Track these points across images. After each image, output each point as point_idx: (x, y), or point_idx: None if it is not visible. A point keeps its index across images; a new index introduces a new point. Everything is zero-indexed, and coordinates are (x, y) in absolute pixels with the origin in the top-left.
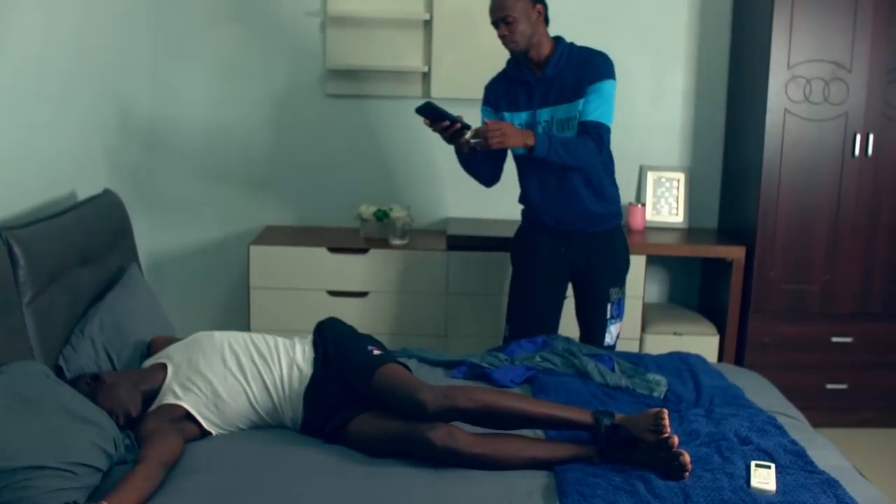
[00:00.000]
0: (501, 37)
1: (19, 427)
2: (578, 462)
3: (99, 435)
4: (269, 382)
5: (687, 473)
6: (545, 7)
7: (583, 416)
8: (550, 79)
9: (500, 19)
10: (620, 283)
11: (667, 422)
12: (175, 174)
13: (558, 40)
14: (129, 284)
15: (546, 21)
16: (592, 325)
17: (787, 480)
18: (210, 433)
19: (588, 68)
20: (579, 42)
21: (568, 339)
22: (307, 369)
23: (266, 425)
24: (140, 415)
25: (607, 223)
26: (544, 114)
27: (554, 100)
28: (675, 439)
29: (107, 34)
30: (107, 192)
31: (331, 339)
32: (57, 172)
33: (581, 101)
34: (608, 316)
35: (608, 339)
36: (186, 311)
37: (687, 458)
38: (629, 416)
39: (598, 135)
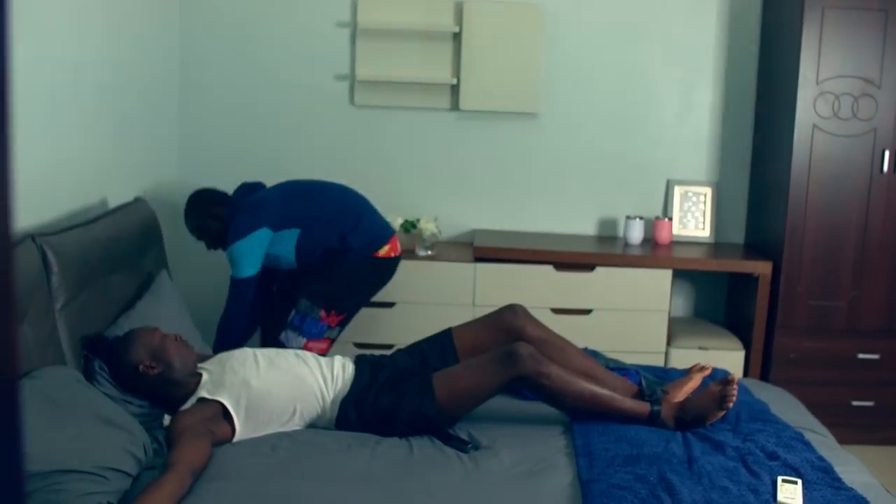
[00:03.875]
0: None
1: (51, 431)
2: (635, 420)
3: (129, 440)
4: (305, 372)
5: (730, 403)
6: (222, 203)
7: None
8: None
9: (200, 239)
10: (315, 300)
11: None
12: (204, 182)
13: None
14: (159, 292)
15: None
16: (274, 318)
17: (814, 496)
18: (239, 435)
19: None
20: (608, 54)
21: (594, 353)
22: (349, 364)
23: (300, 425)
24: (178, 379)
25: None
26: None
27: None
28: (735, 377)
29: (138, 45)
30: (138, 200)
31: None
32: (89, 180)
33: None
34: (289, 319)
35: (282, 338)
36: (215, 318)
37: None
38: (692, 400)
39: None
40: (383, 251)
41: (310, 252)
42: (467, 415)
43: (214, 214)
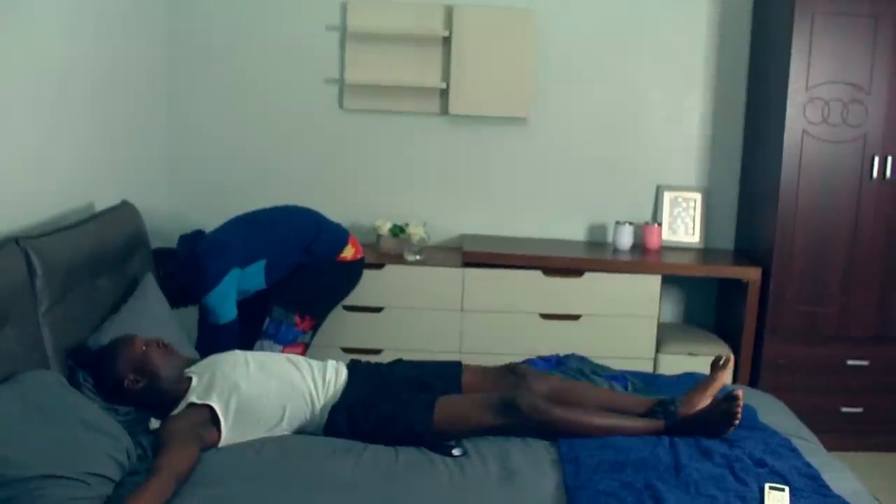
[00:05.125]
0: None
1: (33, 436)
2: (650, 436)
3: (112, 445)
4: (296, 377)
5: (736, 421)
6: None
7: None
8: None
9: None
10: (288, 307)
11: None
12: (192, 187)
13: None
14: (144, 296)
15: None
16: (249, 326)
17: None
18: (225, 440)
19: None
20: (599, 59)
21: (581, 359)
22: (342, 369)
23: (288, 430)
24: (165, 387)
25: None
26: None
27: None
28: (740, 393)
29: (127, 48)
30: (124, 204)
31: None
32: (76, 183)
33: None
34: (263, 328)
35: (256, 348)
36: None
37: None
38: (700, 414)
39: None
40: (348, 253)
41: (279, 274)
42: None
43: (170, 273)
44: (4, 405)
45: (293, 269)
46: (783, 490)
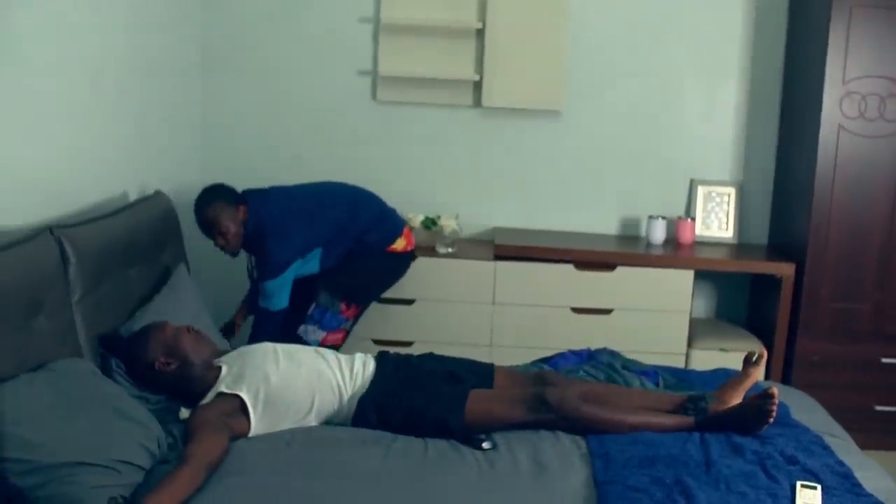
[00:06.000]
0: (220, 247)
1: (65, 424)
2: (681, 431)
3: (143, 434)
4: (323, 367)
5: (771, 419)
6: (247, 203)
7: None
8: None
9: (217, 233)
10: (335, 294)
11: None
12: (225, 178)
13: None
14: (176, 286)
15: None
16: (295, 308)
17: (834, 502)
18: (255, 430)
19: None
20: (633, 52)
21: (613, 353)
22: (370, 361)
23: (316, 421)
24: (196, 374)
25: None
26: None
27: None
28: (775, 391)
29: (160, 40)
30: (157, 194)
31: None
32: (109, 174)
33: None
34: (308, 313)
35: (300, 332)
36: (233, 313)
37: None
38: (733, 410)
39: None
40: (399, 245)
41: (333, 261)
42: None
43: (242, 221)
44: (37, 393)
45: (344, 256)
46: (815, 488)
